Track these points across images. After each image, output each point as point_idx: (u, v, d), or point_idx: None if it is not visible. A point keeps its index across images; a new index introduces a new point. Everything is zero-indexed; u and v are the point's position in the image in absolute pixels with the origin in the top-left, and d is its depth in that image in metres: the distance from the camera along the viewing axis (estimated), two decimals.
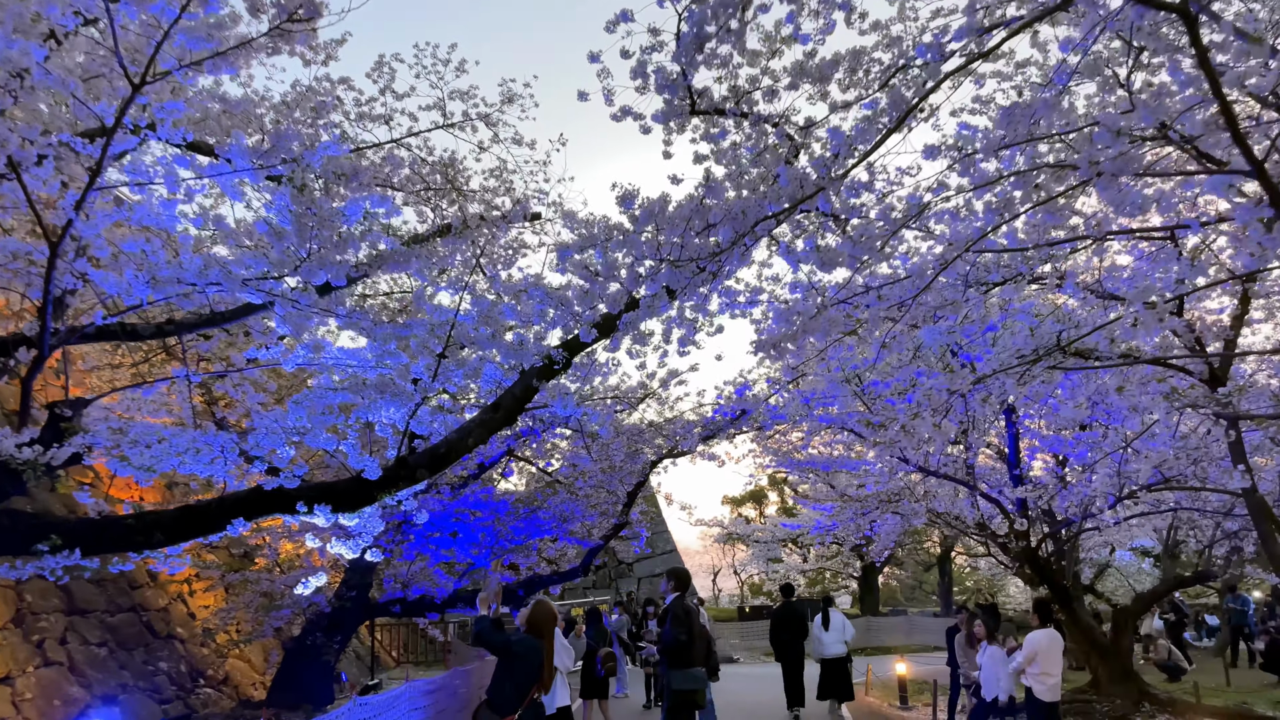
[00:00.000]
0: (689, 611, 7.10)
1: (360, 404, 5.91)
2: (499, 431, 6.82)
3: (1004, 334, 11.60)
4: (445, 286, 5.83)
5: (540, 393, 7.16)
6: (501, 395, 6.58)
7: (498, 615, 6.03)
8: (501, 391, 6.65)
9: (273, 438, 5.77)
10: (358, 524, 6.92)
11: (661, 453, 12.34)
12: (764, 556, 37.99)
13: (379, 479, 6.26)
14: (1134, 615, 13.64)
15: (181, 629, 13.68)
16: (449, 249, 5.63)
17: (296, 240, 4.37)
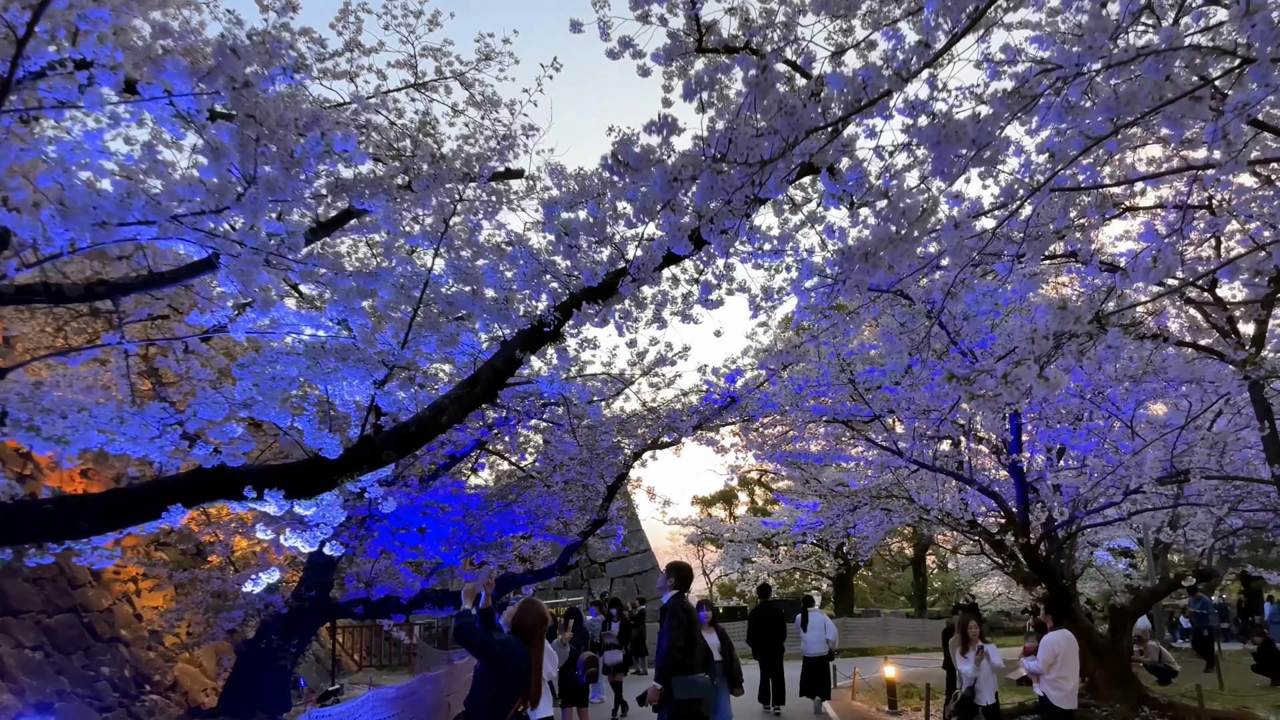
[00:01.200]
0: (689, 612, 6.38)
1: (319, 374, 5.13)
2: (478, 408, 6.06)
3: (1005, 321, 11.06)
4: (417, 238, 5.07)
5: (524, 366, 6.44)
6: (480, 368, 5.84)
7: (488, 608, 5.31)
8: (480, 365, 5.91)
9: (213, 408, 4.97)
10: (316, 513, 6.14)
11: (645, 443, 11.64)
12: (736, 557, 37.39)
13: (339, 460, 5.50)
14: (1132, 616, 13.15)
15: (126, 631, 12.74)
16: (420, 193, 4.88)
17: (239, 157, 3.59)
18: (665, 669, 6.21)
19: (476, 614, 5.37)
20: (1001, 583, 34.13)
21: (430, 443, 6.07)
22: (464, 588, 5.19)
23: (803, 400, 11.16)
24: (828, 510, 14.56)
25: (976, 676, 9.95)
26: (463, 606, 5.00)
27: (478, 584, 5.24)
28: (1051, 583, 11.74)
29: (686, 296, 7.67)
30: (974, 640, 10.11)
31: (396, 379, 5.31)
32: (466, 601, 5.05)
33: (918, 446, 12.25)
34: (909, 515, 13.94)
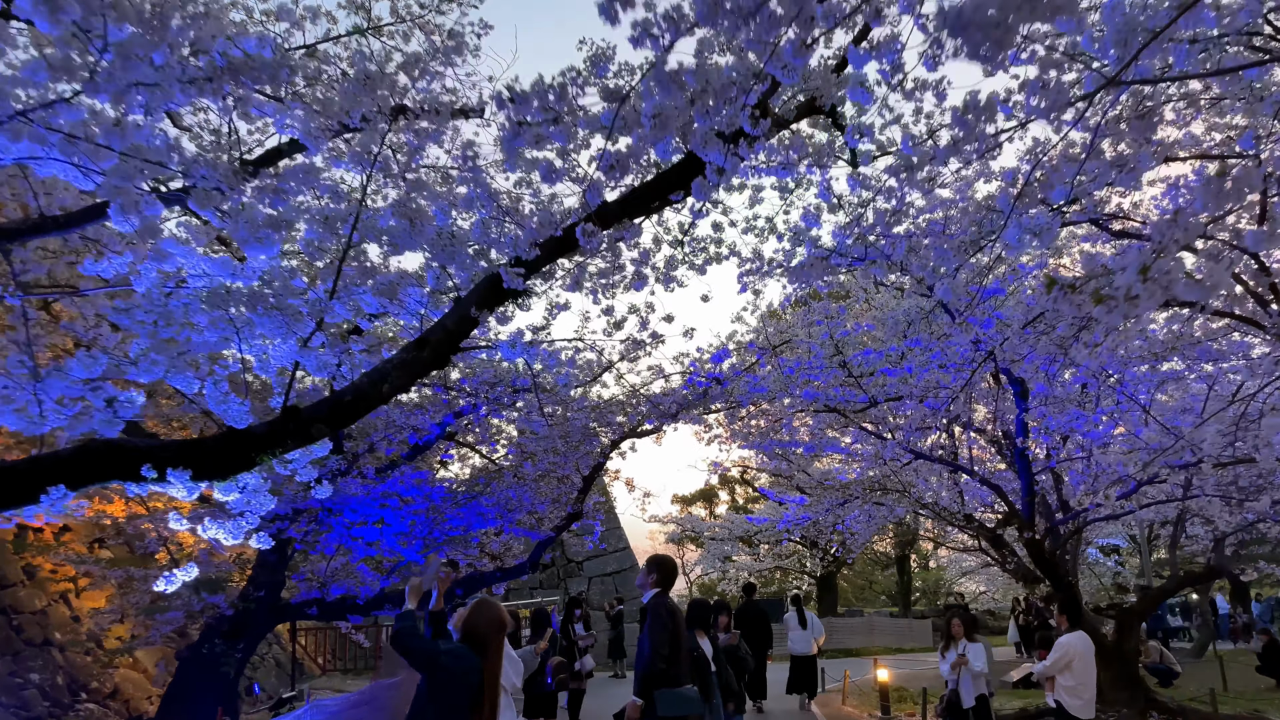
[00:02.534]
0: (674, 613, 5.53)
1: (224, 325, 4.23)
2: (426, 374, 5.19)
3: (1010, 301, 10.31)
4: (347, 163, 4.19)
5: (483, 330, 5.58)
6: (429, 328, 4.97)
7: (439, 609, 4.46)
8: (429, 326, 5.04)
9: (87, 364, 4.07)
10: (238, 499, 5.26)
11: (624, 431, 10.79)
12: (717, 556, 36.64)
13: (260, 435, 4.62)
14: (1139, 616, 12.45)
15: (61, 634, 11.76)
16: (349, 102, 4.02)
17: (79, 9, 2.71)
18: (646, 680, 5.36)
19: (425, 616, 4.52)
20: (984, 580, 33.58)
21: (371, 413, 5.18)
22: (409, 583, 4.33)
23: (793, 385, 10.36)
24: (816, 505, 13.77)
25: (955, 678, 9.26)
26: (405, 606, 4.15)
27: (425, 578, 4.38)
28: (1057, 580, 11.02)
29: (670, 261, 6.85)
30: (957, 639, 9.38)
31: (323, 335, 4.42)
32: (410, 600, 4.20)
33: (914, 435, 11.49)
34: (903, 509, 13.19)
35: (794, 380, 10.37)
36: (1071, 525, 11.28)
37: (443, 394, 10.98)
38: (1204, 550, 17.98)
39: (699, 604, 7.36)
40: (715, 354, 9.40)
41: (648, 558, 5.90)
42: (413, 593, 4.26)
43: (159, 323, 3.82)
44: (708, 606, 7.56)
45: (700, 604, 7.36)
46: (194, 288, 4.74)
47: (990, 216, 7.61)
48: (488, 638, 4.04)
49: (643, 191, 4.79)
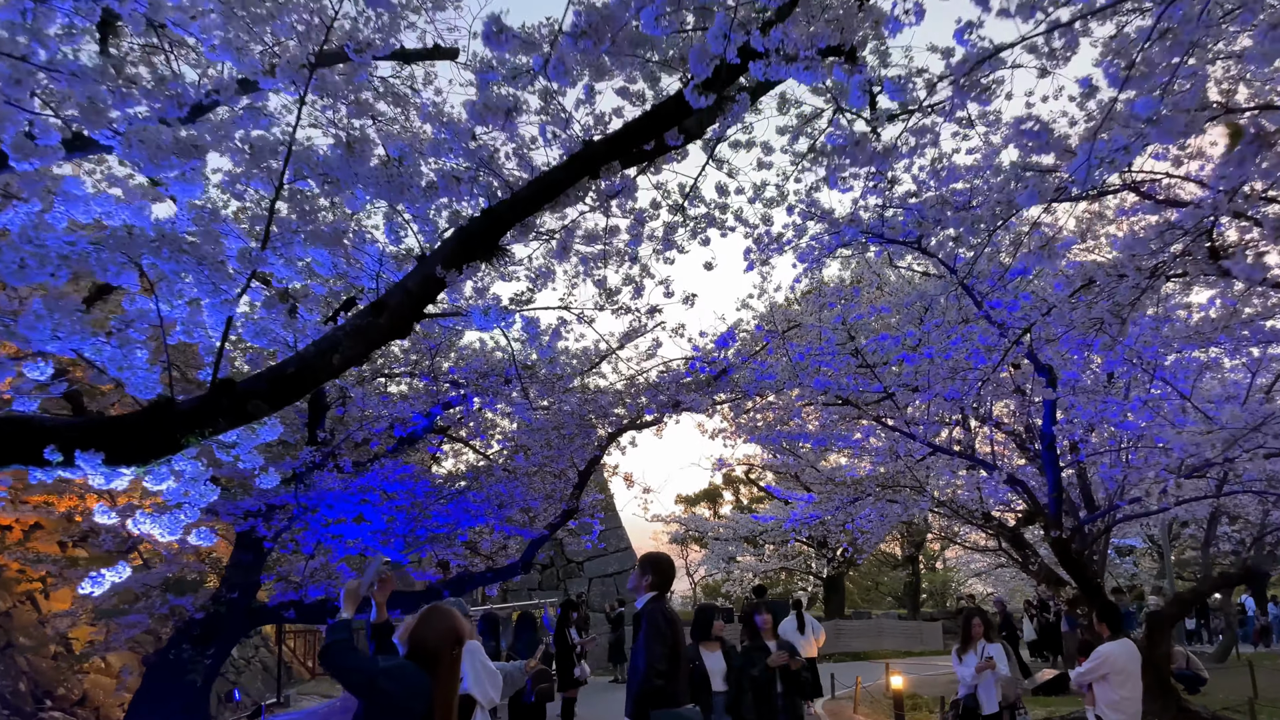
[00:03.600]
0: (672, 621, 4.83)
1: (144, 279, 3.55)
2: (385, 343, 4.51)
3: (1037, 282, 9.62)
4: (276, 81, 3.49)
5: (454, 297, 4.91)
6: (388, 291, 4.29)
7: (383, 622, 3.78)
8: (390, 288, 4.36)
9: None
10: (173, 489, 4.57)
11: (623, 423, 10.11)
12: (721, 557, 35.96)
13: (185, 413, 3.94)
14: (1171, 620, 11.73)
15: (26, 638, 11.10)
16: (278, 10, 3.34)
17: None
18: (641, 699, 4.66)
19: (368, 629, 3.83)
20: (992, 582, 32.81)
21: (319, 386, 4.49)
22: (345, 586, 3.64)
23: (802, 373, 9.66)
24: (826, 503, 13.07)
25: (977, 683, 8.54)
26: (339, 615, 3.46)
27: (363, 581, 3.70)
28: (1084, 582, 10.31)
29: (670, 227, 6.15)
30: (976, 640, 8.67)
31: (255, 292, 3.74)
32: (345, 607, 3.51)
33: (932, 428, 10.79)
34: (918, 507, 12.48)
35: (803, 368, 9.68)
36: (1100, 523, 10.56)
37: (431, 384, 10.33)
38: (1227, 551, 17.25)
39: (705, 611, 6.63)
40: (720, 338, 8.71)
41: (640, 556, 5.21)
42: (348, 598, 3.56)
43: (26, 263, 3.13)
44: (712, 613, 6.75)
45: (706, 610, 6.59)
46: None
47: (1019, 185, 6.92)
48: (439, 652, 3.33)
49: (634, 128, 4.10)
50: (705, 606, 6.79)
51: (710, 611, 6.63)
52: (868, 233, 8.50)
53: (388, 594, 3.85)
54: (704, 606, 6.83)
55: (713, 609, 6.72)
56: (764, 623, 7.29)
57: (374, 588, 3.80)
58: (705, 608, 6.65)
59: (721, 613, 6.49)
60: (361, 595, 3.59)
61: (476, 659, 5.11)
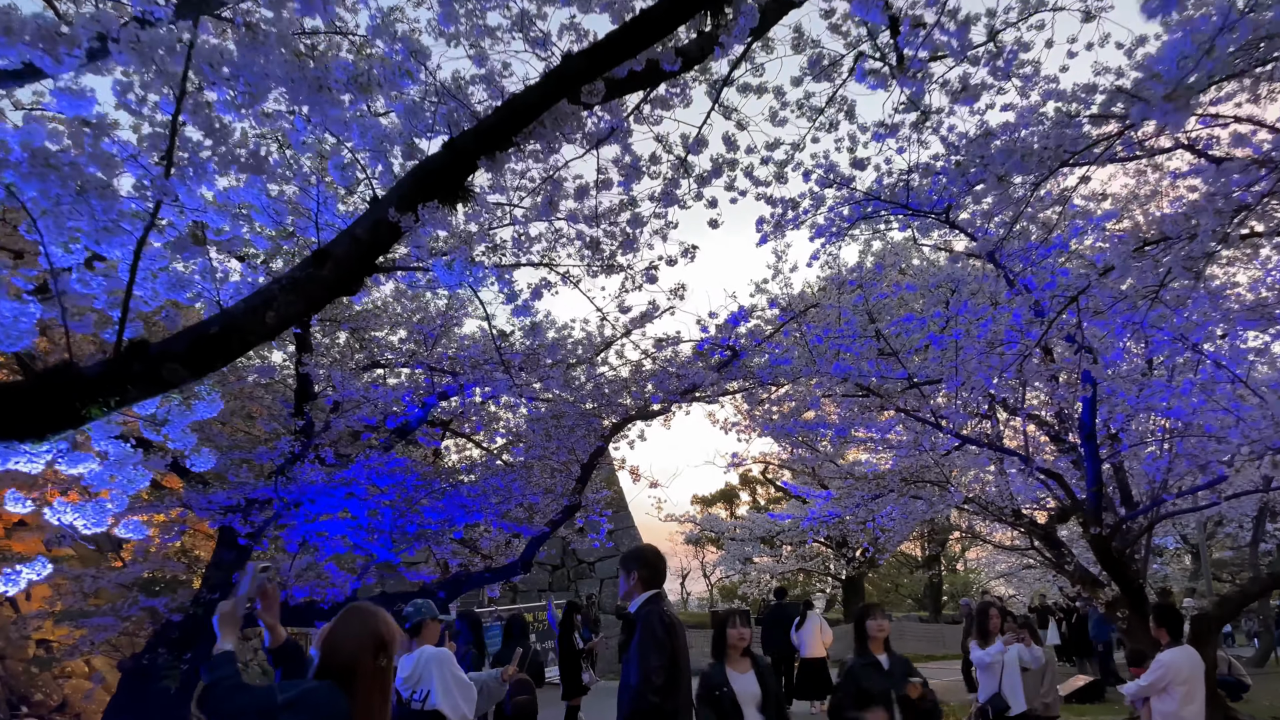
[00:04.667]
0: (671, 627, 4.15)
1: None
2: (330, 300, 3.86)
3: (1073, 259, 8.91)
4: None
5: (415, 254, 4.26)
6: (335, 239, 3.66)
7: (284, 645, 3.13)
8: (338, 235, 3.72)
9: None
10: (96, 472, 3.96)
11: (628, 413, 9.44)
12: (738, 558, 35.20)
13: (89, 379, 3.32)
14: (1219, 622, 10.95)
15: (2, 641, 10.56)
16: None
17: None
18: (639, 701, 4.00)
19: (269, 657, 3.15)
20: (1016, 583, 31.88)
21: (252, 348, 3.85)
22: (218, 611, 2.92)
23: (821, 358, 8.97)
24: (846, 499, 12.36)
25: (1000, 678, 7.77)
26: (218, 646, 2.77)
27: (237, 601, 2.96)
28: (1126, 582, 9.58)
29: (671, 183, 5.48)
30: (994, 634, 7.92)
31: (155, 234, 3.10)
32: (223, 637, 2.78)
33: (959, 418, 10.07)
34: (944, 504, 11.76)
35: (821, 352, 9.00)
36: (1144, 519, 9.80)
37: (426, 373, 9.73)
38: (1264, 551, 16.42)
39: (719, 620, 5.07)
40: (731, 316, 8.02)
41: (626, 552, 4.52)
42: (224, 624, 2.83)
43: None
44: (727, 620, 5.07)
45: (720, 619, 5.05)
46: None
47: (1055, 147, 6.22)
48: (355, 664, 2.59)
49: (619, 38, 3.44)
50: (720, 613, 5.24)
51: (725, 619, 5.01)
52: (892, 203, 7.82)
53: (275, 612, 3.17)
54: (717, 613, 5.47)
55: (728, 615, 5.08)
56: (878, 629, 5.31)
57: (253, 605, 3.11)
58: (720, 615, 5.17)
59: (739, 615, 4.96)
60: (240, 616, 2.90)
61: (446, 669, 4.47)
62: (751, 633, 4.91)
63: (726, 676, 4.70)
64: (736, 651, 4.84)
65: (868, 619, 5.37)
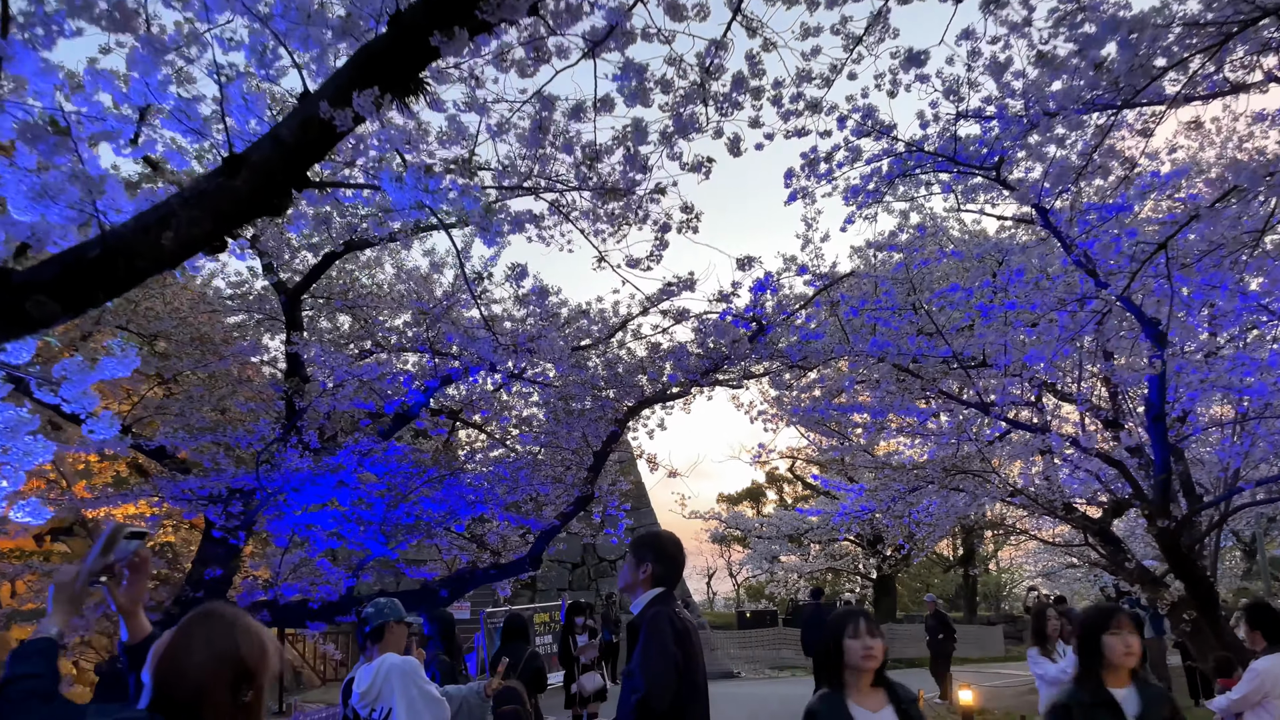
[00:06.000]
0: (684, 633, 3.34)
1: None
2: (248, 220, 3.11)
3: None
4: None
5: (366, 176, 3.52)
6: (254, 144, 2.91)
7: (137, 641, 2.39)
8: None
9: None
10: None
11: (644, 394, 8.66)
12: (764, 556, 34.30)
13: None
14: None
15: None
16: None
17: None
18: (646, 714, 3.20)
19: (121, 655, 2.42)
20: (1059, 583, 30.77)
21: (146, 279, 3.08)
22: (54, 581, 2.23)
23: (855, 335, 8.14)
24: (883, 491, 11.50)
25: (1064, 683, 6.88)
26: (39, 628, 2.08)
27: (81, 570, 2.27)
28: (1196, 582, 8.67)
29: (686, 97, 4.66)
30: (1054, 638, 7.06)
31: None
32: (54, 615, 2.12)
33: (1007, 400, 9.18)
34: (988, 497, 10.87)
35: (856, 328, 8.17)
36: (1216, 512, 8.88)
37: (428, 355, 9.03)
38: None
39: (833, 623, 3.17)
40: (757, 283, 7.21)
41: (635, 538, 3.71)
42: (57, 600, 2.17)
43: None
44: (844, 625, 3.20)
45: (836, 622, 3.22)
46: None
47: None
48: (202, 700, 1.79)
49: None
50: (835, 614, 3.30)
51: (841, 625, 3.15)
52: (937, 154, 6.98)
53: (139, 596, 2.42)
54: (819, 610, 3.16)
55: (845, 619, 3.19)
56: (1124, 652, 3.32)
57: (113, 578, 2.36)
58: (836, 618, 3.25)
59: (863, 618, 3.19)
60: (77, 590, 2.18)
61: (412, 681, 3.70)
62: (884, 643, 3.16)
63: (850, 712, 3.04)
64: (865, 677, 3.09)
65: (1106, 632, 3.37)
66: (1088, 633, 3.43)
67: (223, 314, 9.24)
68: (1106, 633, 3.35)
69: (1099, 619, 3.45)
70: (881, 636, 3.13)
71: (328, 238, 8.42)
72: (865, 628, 3.11)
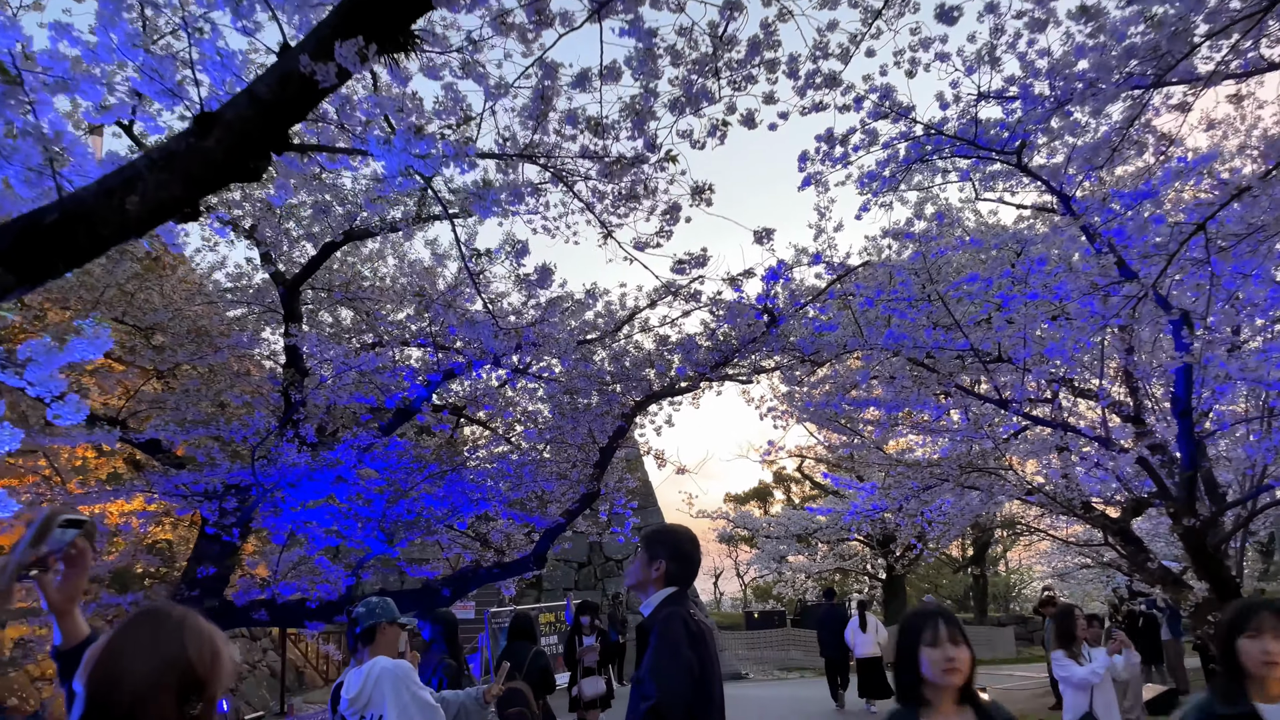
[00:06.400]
0: (699, 637, 3.09)
1: None
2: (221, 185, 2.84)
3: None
4: None
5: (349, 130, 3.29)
6: (228, 101, 2.67)
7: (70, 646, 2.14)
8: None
9: None
10: None
11: (651, 388, 8.41)
12: (772, 556, 34.01)
13: None
14: None
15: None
16: None
17: None
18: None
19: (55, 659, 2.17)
20: (1072, 584, 30.38)
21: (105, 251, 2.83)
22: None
23: (870, 327, 7.87)
24: (897, 489, 11.22)
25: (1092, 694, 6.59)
26: None
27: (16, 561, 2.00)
28: (1222, 583, 8.38)
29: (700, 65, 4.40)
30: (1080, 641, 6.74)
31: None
32: None
33: (1024, 394, 8.91)
34: (1005, 495, 10.59)
35: (871, 320, 7.90)
36: (1243, 510, 8.59)
37: (430, 349, 8.82)
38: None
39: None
40: (769, 271, 6.95)
41: (647, 531, 3.43)
42: None
43: None
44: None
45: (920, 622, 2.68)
46: None
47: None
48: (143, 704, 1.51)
49: None
50: (914, 613, 2.81)
51: (920, 623, 2.66)
52: (957, 137, 6.71)
53: (77, 588, 2.19)
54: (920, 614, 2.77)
55: (925, 619, 2.70)
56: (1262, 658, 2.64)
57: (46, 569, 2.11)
58: (913, 616, 2.78)
59: (943, 620, 2.63)
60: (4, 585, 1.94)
61: (404, 686, 3.46)
62: (970, 651, 2.65)
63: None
64: (947, 694, 2.58)
65: (1242, 634, 2.82)
66: (1223, 634, 2.91)
67: (220, 306, 9.01)
68: (1243, 635, 2.80)
69: (1235, 619, 2.89)
70: (967, 643, 2.60)
71: (327, 228, 8.21)
72: (946, 633, 2.58)
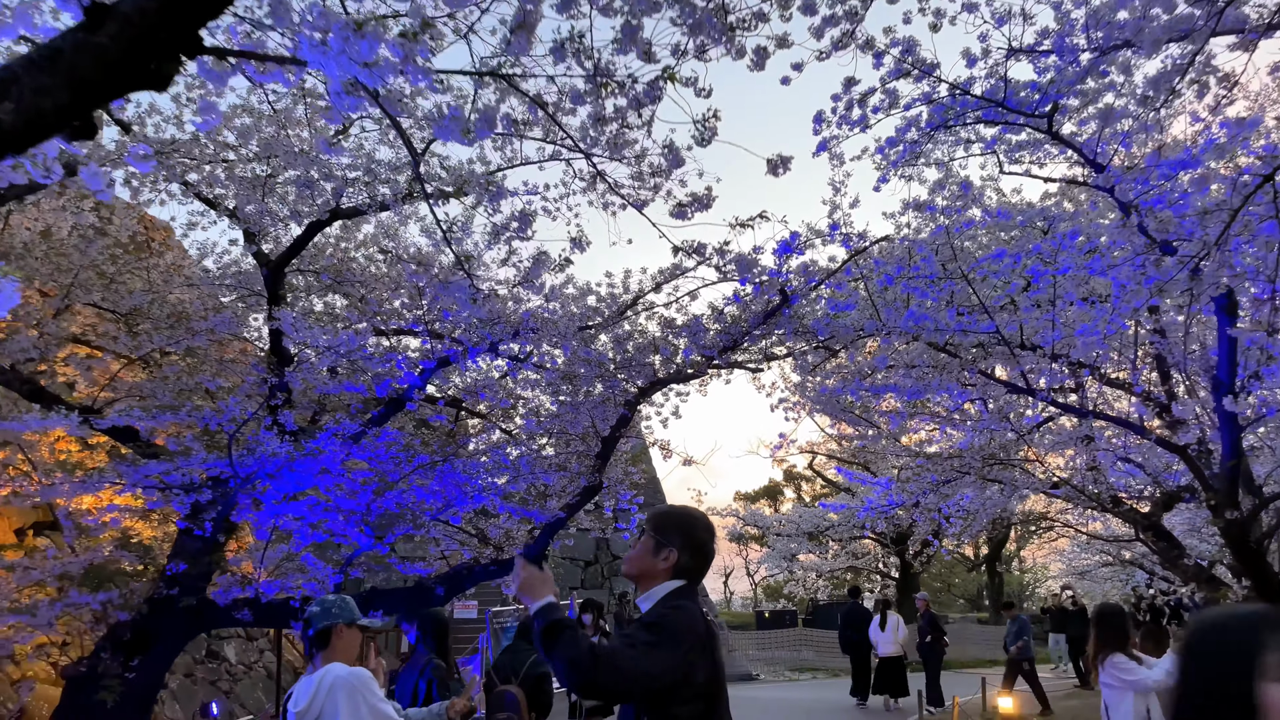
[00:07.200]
0: (709, 642, 2.61)
1: None
2: (117, 96, 2.35)
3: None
4: None
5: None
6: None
7: None
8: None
9: None
10: None
11: (655, 375, 7.93)
12: (783, 555, 33.50)
13: None
14: None
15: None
16: None
17: None
18: None
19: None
20: (1091, 583, 29.81)
21: None
22: None
23: (888, 308, 7.37)
24: (915, 482, 10.71)
25: None
26: None
27: None
28: (1265, 580, 7.86)
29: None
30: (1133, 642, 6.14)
31: None
32: None
33: (1053, 379, 8.40)
34: (1029, 488, 10.07)
35: (889, 300, 7.41)
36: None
37: (424, 335, 8.39)
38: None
39: None
40: (780, 244, 6.45)
41: (653, 512, 2.90)
42: None
43: None
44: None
45: None
46: None
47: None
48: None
49: None
50: (1236, 635, 1.59)
51: (1252, 652, 1.52)
52: (984, 99, 6.21)
53: None
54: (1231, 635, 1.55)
55: (1259, 638, 1.53)
56: None
57: None
58: (1238, 638, 1.58)
59: None
60: None
61: (360, 698, 2.98)
62: None
63: None
64: None
65: None
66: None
67: (203, 289, 8.57)
68: None
69: None
70: None
71: (314, 206, 7.79)
72: None
